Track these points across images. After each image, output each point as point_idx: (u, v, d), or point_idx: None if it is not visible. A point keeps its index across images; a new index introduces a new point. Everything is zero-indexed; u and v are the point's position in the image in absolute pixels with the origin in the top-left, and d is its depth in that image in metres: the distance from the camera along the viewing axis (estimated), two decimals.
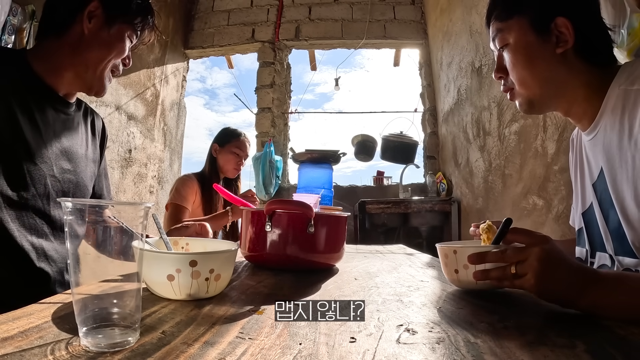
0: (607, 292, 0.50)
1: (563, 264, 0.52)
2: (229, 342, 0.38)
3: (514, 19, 0.74)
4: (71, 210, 0.36)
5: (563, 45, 0.70)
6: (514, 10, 0.74)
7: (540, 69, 0.72)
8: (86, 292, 0.37)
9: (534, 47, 0.72)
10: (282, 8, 3.86)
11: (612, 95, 0.68)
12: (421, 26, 3.75)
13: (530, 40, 0.73)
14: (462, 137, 2.92)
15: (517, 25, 0.74)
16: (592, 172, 0.76)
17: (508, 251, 0.57)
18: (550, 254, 0.53)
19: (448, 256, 0.65)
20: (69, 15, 0.84)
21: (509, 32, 0.75)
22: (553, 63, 0.72)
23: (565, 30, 0.70)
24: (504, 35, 0.76)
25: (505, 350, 0.38)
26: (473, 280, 0.61)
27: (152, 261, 0.53)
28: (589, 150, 0.77)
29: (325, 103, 16.92)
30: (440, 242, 0.70)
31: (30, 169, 0.79)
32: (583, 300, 0.50)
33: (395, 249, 1.37)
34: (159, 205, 3.33)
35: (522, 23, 0.73)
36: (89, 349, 0.35)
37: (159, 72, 3.40)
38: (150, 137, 3.23)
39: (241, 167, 1.93)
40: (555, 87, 0.73)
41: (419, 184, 3.62)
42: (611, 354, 0.37)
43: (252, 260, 0.90)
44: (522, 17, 0.73)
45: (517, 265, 0.55)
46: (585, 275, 0.52)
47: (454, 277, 0.65)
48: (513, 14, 0.74)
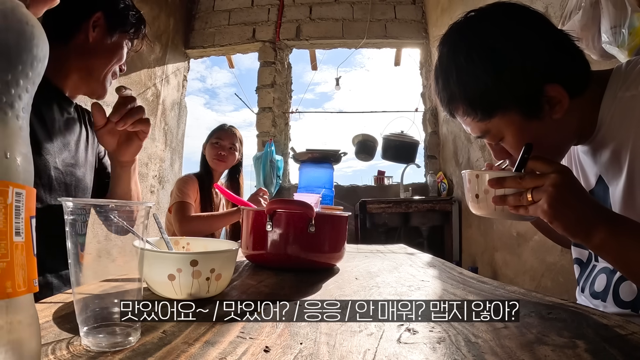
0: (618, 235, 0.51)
1: (579, 194, 0.54)
2: (229, 342, 0.38)
3: (497, 116, 0.66)
4: (72, 210, 0.36)
5: (559, 108, 0.64)
6: (493, 111, 0.66)
7: (547, 143, 0.66)
8: (87, 291, 0.37)
9: (531, 129, 0.65)
10: (282, 8, 3.86)
11: (607, 104, 0.66)
12: (422, 26, 3.74)
13: (526, 126, 0.65)
14: (463, 137, 2.91)
15: (504, 122, 0.66)
16: (589, 179, 0.75)
17: (526, 177, 0.57)
18: (567, 181, 0.54)
19: (471, 181, 0.66)
20: (75, 23, 0.91)
21: (498, 130, 0.68)
22: (554, 128, 0.66)
23: (556, 94, 0.63)
24: (494, 133, 0.69)
25: (505, 350, 0.38)
26: (492, 206, 0.63)
27: (153, 261, 0.54)
28: (583, 157, 0.76)
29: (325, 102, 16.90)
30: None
31: (36, 159, 0.80)
32: (596, 236, 0.51)
33: (396, 248, 1.37)
34: (160, 204, 3.33)
35: (508, 117, 0.66)
36: (90, 349, 0.35)
37: (159, 71, 3.40)
38: (151, 137, 3.23)
39: (225, 157, 1.85)
40: (566, 142, 0.71)
41: (419, 184, 3.62)
42: (611, 354, 0.37)
43: (253, 260, 0.90)
44: (506, 112, 0.65)
45: (533, 191, 0.56)
46: (600, 210, 0.53)
47: (474, 202, 0.66)
48: (494, 114, 0.66)
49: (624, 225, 0.54)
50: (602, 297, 0.71)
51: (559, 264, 1.85)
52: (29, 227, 0.28)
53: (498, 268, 2.52)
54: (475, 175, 0.65)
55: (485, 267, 2.69)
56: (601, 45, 1.19)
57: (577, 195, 0.54)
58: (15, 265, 0.26)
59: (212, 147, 1.87)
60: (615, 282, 0.69)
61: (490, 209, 0.64)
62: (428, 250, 1.61)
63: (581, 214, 0.53)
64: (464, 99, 0.68)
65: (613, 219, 0.54)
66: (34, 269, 0.29)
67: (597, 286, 0.73)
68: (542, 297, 0.60)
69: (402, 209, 3.11)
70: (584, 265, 0.79)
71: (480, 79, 0.65)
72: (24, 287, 0.27)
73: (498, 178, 0.61)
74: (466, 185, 0.69)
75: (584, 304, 0.71)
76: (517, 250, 2.26)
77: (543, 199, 0.55)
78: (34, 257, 0.29)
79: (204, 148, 1.92)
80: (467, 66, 0.66)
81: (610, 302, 0.69)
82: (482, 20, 0.69)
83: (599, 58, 1.27)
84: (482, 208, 0.66)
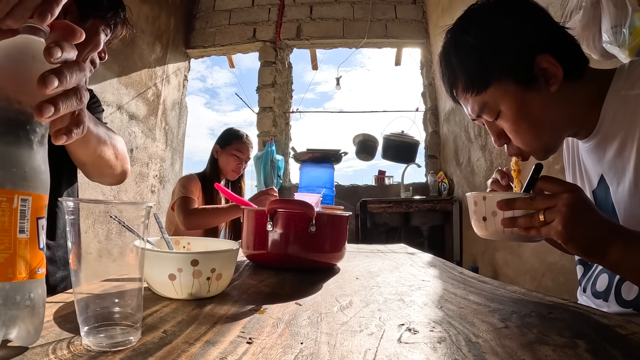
0: (633, 248, 0.50)
1: (592, 213, 0.53)
2: (230, 342, 0.38)
3: (492, 86, 0.68)
4: (72, 210, 0.36)
5: (554, 80, 0.65)
6: (489, 79, 0.68)
7: (543, 119, 0.67)
8: (87, 291, 0.37)
9: (529, 101, 0.67)
10: (283, 7, 3.86)
11: (611, 102, 0.66)
12: (422, 25, 3.74)
13: (522, 97, 0.67)
14: (464, 137, 2.91)
15: (500, 91, 0.67)
16: (591, 180, 0.75)
17: (537, 198, 0.56)
18: (579, 201, 0.53)
19: (477, 203, 0.65)
20: None
21: (494, 101, 0.68)
22: (552, 104, 0.67)
23: (549, 64, 0.65)
24: (491, 107, 0.69)
25: (506, 349, 0.37)
26: (500, 229, 0.61)
27: (154, 260, 0.54)
28: (586, 157, 0.76)
29: (326, 102, 16.92)
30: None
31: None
32: (611, 254, 0.50)
33: (397, 248, 1.37)
34: (161, 204, 3.34)
35: (504, 86, 0.67)
36: (91, 348, 0.35)
37: (160, 71, 3.41)
38: (152, 137, 3.23)
39: (241, 169, 1.92)
40: (562, 124, 0.70)
41: (420, 184, 3.62)
42: (612, 354, 0.37)
43: (253, 260, 0.90)
44: (501, 80, 0.67)
45: (545, 212, 0.54)
46: (614, 227, 0.52)
47: (481, 225, 0.64)
48: (489, 82, 0.68)
49: (638, 240, 0.53)
50: (603, 296, 0.71)
51: (560, 264, 1.85)
52: (35, 226, 0.35)
53: (499, 268, 2.52)
54: (483, 197, 0.63)
55: (486, 267, 2.69)
56: (602, 45, 1.19)
57: (590, 214, 0.53)
58: (17, 256, 0.33)
59: (232, 159, 1.87)
60: (617, 281, 0.69)
61: (499, 232, 0.62)
62: (429, 250, 1.61)
63: (596, 233, 0.52)
64: (462, 71, 0.71)
65: (628, 235, 0.53)
66: (37, 260, 0.35)
67: (599, 286, 0.73)
68: (542, 297, 0.60)
69: (403, 209, 3.11)
70: (588, 266, 0.79)
71: (476, 50, 0.68)
72: (25, 274, 0.34)
73: (508, 200, 0.59)
74: (471, 208, 0.67)
75: (586, 304, 0.71)
76: (517, 250, 2.26)
77: (557, 220, 0.53)
78: (40, 250, 0.35)
79: (216, 152, 1.90)
80: (465, 41, 0.70)
81: (612, 301, 0.69)
82: (482, 6, 0.73)
83: (599, 58, 1.27)
84: (490, 231, 0.63)
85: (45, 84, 0.34)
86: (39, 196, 0.35)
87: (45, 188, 0.36)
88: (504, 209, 0.60)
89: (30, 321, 0.34)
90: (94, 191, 2.55)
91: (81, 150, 0.77)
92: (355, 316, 0.49)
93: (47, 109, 0.34)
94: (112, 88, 2.73)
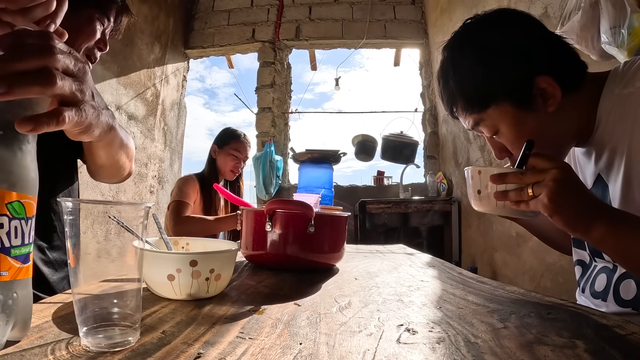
0: (618, 229, 0.51)
1: (579, 189, 0.55)
2: (229, 342, 0.38)
3: (490, 108, 0.69)
4: (71, 211, 0.36)
5: (552, 101, 0.67)
6: (487, 101, 0.69)
7: (543, 137, 0.67)
8: (86, 292, 0.37)
9: (527, 122, 0.68)
10: (282, 8, 3.86)
11: (605, 102, 0.67)
12: (421, 26, 3.75)
13: (520, 117, 0.68)
14: (463, 137, 2.92)
15: (498, 112, 0.69)
16: (586, 181, 0.76)
17: (527, 172, 0.59)
18: (567, 177, 0.55)
19: (473, 177, 0.68)
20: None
21: (492, 120, 0.70)
22: (550, 123, 0.68)
23: (547, 85, 0.66)
24: (487, 124, 0.71)
25: (505, 350, 0.38)
26: (493, 201, 0.64)
27: (153, 261, 0.53)
28: (582, 158, 0.77)
29: (325, 103, 16.92)
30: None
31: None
32: (596, 230, 0.51)
33: (396, 248, 1.37)
34: (160, 205, 3.33)
35: (502, 107, 0.69)
36: (89, 349, 0.35)
37: (159, 72, 3.40)
38: (151, 137, 3.23)
39: (239, 169, 1.92)
40: (563, 138, 0.71)
41: (419, 184, 3.62)
42: (611, 354, 0.37)
43: (252, 260, 0.90)
44: (499, 102, 0.68)
45: (534, 186, 0.57)
46: (600, 205, 0.54)
47: (476, 197, 0.68)
48: (488, 104, 0.69)
49: (624, 220, 0.55)
50: (602, 296, 0.71)
51: (559, 264, 1.85)
52: None
53: (498, 268, 2.52)
54: (478, 171, 0.67)
55: (485, 267, 2.69)
56: (600, 45, 1.19)
57: (577, 190, 0.55)
58: None
59: (230, 159, 1.87)
60: (616, 281, 0.69)
61: (492, 205, 0.65)
62: (427, 250, 1.61)
63: (581, 208, 0.54)
64: (460, 94, 0.72)
65: (613, 213, 0.55)
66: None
67: (598, 286, 0.73)
68: (541, 297, 0.60)
69: (402, 209, 3.11)
70: (586, 267, 0.79)
71: (474, 73, 0.69)
72: None
73: (500, 174, 0.62)
74: (469, 182, 0.69)
75: (585, 304, 0.71)
76: (516, 251, 2.26)
77: (543, 193, 0.56)
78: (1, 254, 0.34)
79: (214, 152, 1.90)
80: (463, 63, 0.71)
81: (610, 301, 0.69)
82: (478, 24, 0.73)
83: (598, 58, 1.27)
84: (484, 204, 0.67)
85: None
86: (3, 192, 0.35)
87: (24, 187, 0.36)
88: (496, 182, 0.63)
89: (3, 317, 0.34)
90: (93, 191, 2.54)
91: (103, 154, 0.74)
92: (354, 317, 0.49)
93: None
94: (110, 88, 2.73)
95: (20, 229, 0.36)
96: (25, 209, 0.36)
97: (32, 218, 0.37)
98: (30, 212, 0.37)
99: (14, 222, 0.35)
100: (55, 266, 0.86)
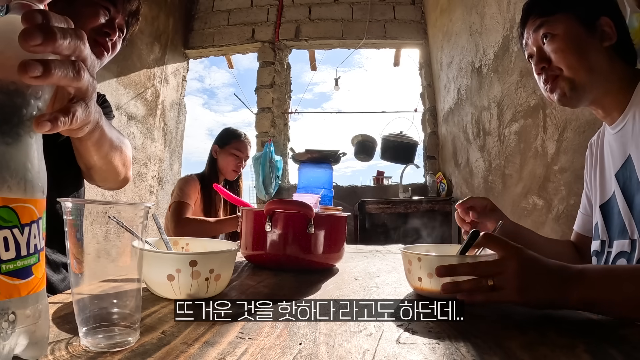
0: (591, 287, 0.49)
1: (541, 269, 0.51)
2: (229, 342, 0.38)
3: (559, 13, 0.79)
4: (71, 210, 0.36)
5: (608, 40, 0.76)
6: (558, 7, 0.79)
7: (588, 57, 0.76)
8: (86, 292, 0.37)
9: (582, 37, 0.77)
10: (282, 8, 3.86)
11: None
12: (421, 26, 3.75)
13: (580, 31, 0.77)
14: (462, 137, 2.92)
15: (564, 19, 0.78)
16: (616, 163, 0.79)
17: (481, 264, 0.53)
18: (526, 263, 0.51)
19: (412, 263, 0.61)
20: None
21: (555, 24, 0.79)
22: (599, 54, 0.76)
23: (609, 28, 0.77)
24: (550, 25, 0.79)
25: (505, 350, 0.38)
26: (438, 290, 0.56)
27: (152, 261, 0.53)
28: (613, 143, 0.81)
29: (324, 103, 16.93)
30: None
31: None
32: (571, 298, 0.49)
33: (395, 249, 1.37)
34: (159, 205, 3.33)
35: (568, 17, 0.78)
36: (89, 349, 0.35)
37: (159, 72, 3.40)
38: (150, 137, 3.23)
39: (241, 168, 1.92)
40: (599, 76, 0.77)
41: (419, 184, 3.62)
42: (611, 354, 0.37)
43: (252, 260, 0.90)
44: (568, 13, 0.78)
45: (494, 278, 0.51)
46: (565, 272, 0.50)
47: (417, 285, 0.61)
48: (557, 10, 0.79)
49: (592, 275, 0.52)
50: None
51: None
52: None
53: None
54: (418, 258, 0.59)
55: None
56: None
57: (540, 270, 0.51)
58: None
59: (231, 158, 1.87)
60: (636, 261, 0.71)
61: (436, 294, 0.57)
62: None
63: (551, 286, 0.50)
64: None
65: (580, 273, 0.51)
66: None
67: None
68: None
69: (401, 210, 3.11)
70: (600, 255, 0.83)
71: None
72: None
73: (448, 266, 0.54)
74: (405, 265, 0.63)
75: None
76: None
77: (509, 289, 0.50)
78: None
79: (215, 152, 1.90)
80: None
81: None
82: None
83: None
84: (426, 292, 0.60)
85: (25, 38, 0.29)
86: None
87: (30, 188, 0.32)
88: (442, 276, 0.54)
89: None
90: (92, 192, 2.54)
91: (92, 153, 0.71)
92: None
93: (33, 67, 0.29)
94: (110, 88, 2.73)
95: (12, 239, 0.30)
96: (18, 215, 0.30)
97: (30, 224, 0.31)
98: (26, 217, 0.31)
99: (1, 232, 0.29)
100: (56, 267, 0.86)
